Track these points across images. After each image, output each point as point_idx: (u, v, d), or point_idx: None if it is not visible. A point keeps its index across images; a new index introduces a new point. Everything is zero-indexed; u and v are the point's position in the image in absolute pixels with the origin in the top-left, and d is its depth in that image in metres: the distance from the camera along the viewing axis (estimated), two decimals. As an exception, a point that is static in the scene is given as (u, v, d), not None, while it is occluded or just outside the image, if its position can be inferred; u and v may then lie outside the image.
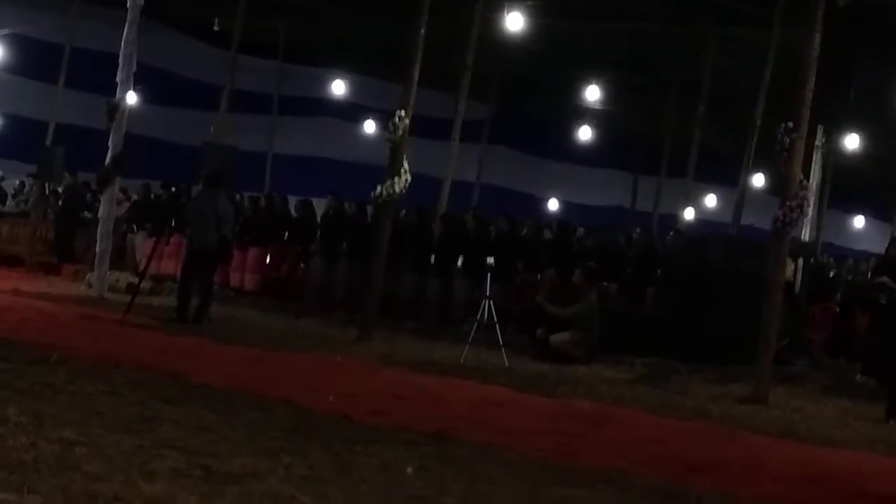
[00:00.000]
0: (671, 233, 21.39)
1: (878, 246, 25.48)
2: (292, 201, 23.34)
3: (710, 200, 34.21)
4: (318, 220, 22.37)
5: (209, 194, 17.08)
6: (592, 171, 33.73)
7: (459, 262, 20.15)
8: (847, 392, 14.98)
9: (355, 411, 9.21)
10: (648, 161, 31.52)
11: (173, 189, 24.49)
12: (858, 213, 37.96)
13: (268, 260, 22.71)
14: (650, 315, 17.99)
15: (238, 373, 11.04)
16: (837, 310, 19.97)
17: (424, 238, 20.58)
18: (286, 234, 22.70)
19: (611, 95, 29.45)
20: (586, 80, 28.55)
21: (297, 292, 21.91)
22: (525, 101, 31.37)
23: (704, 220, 30.82)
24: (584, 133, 32.37)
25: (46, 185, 25.55)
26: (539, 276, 19.68)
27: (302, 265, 22.42)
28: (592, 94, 28.98)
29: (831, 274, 21.81)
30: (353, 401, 9.91)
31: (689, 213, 27.57)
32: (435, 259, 20.32)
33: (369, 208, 20.19)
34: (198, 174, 18.79)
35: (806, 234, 20.12)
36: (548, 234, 21.20)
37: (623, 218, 30.82)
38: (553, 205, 33.85)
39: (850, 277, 21.25)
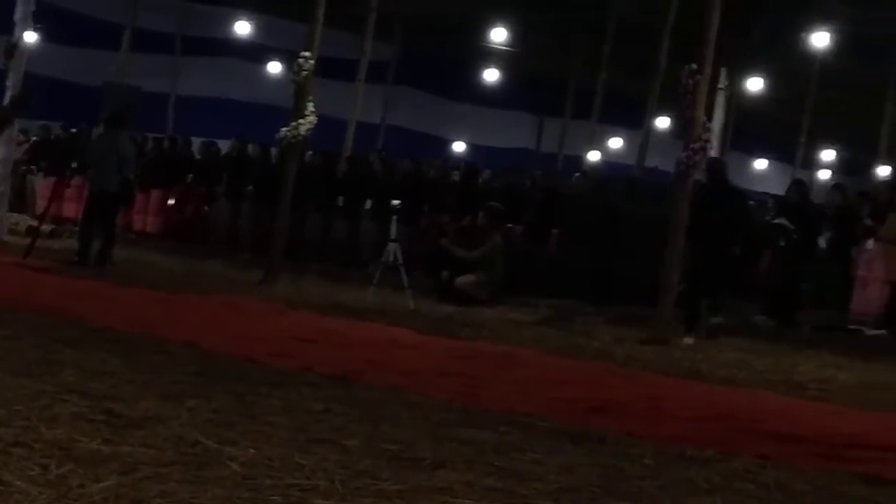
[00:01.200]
0: (576, 175, 21.46)
1: (780, 188, 25.83)
2: (196, 143, 23.12)
3: (615, 142, 34.42)
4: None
5: (110, 136, 16.85)
6: (498, 113, 33.70)
7: (367, 205, 20.11)
8: (747, 332, 15.21)
9: (260, 354, 9.18)
10: (554, 103, 31.56)
11: (74, 130, 24.11)
12: (760, 156, 38.41)
13: (171, 202, 22.52)
14: (555, 257, 18.08)
15: (141, 316, 10.94)
16: (738, 251, 20.16)
17: (330, 180, 20.50)
18: (190, 176, 22.51)
19: (517, 36, 29.43)
20: (492, 21, 28.50)
21: (200, 235, 21.78)
22: (431, 41, 31.21)
23: (609, 162, 31.02)
24: (490, 74, 32.32)
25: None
26: (446, 218, 19.68)
27: (206, 207, 22.27)
28: (498, 35, 28.95)
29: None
30: (258, 343, 9.88)
31: (594, 155, 27.73)
32: (341, 201, 20.26)
33: (273, 150, 20.07)
34: (99, 115, 18.53)
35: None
36: (454, 177, 21.20)
37: (529, 160, 30.92)
38: (459, 147, 33.83)
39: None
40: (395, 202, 16.42)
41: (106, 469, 5.01)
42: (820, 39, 24.26)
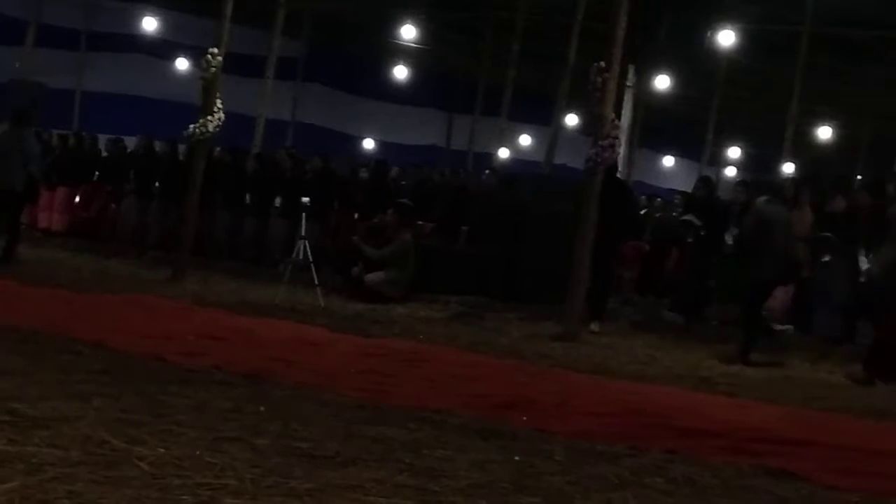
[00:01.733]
0: (486, 172, 21.52)
1: (687, 185, 26.10)
2: (103, 140, 22.87)
3: (524, 139, 34.61)
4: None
5: (15, 133, 16.62)
6: (408, 110, 33.76)
7: (277, 202, 20.01)
8: (656, 328, 15.35)
9: (168, 353, 9.10)
10: (464, 100, 31.67)
11: (-24, 127, 23.75)
12: (668, 153, 38.85)
13: (77, 200, 22.25)
14: (466, 254, 18.10)
15: (47, 315, 10.78)
16: (647, 247, 20.36)
17: (238, 177, 20.38)
18: (96, 173, 22.25)
19: (427, 34, 29.47)
20: (402, 18, 28.51)
21: (107, 233, 21.54)
22: (340, 38, 31.18)
23: (518, 160, 31.17)
24: (400, 72, 32.36)
25: None
26: (356, 216, 19.64)
27: (113, 205, 22.02)
28: (408, 32, 28.96)
29: (641, 212, 22.19)
30: (167, 342, 9.79)
31: (503, 152, 27.83)
32: (250, 198, 20.15)
33: (181, 147, 19.89)
34: (3, 112, 18.26)
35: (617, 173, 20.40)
36: (363, 174, 21.16)
37: (439, 157, 30.99)
38: (368, 144, 33.81)
39: (657, 215, 21.69)
40: (305, 199, 16.35)
41: (11, 469, 4.95)
42: (726, 38, 24.52)
